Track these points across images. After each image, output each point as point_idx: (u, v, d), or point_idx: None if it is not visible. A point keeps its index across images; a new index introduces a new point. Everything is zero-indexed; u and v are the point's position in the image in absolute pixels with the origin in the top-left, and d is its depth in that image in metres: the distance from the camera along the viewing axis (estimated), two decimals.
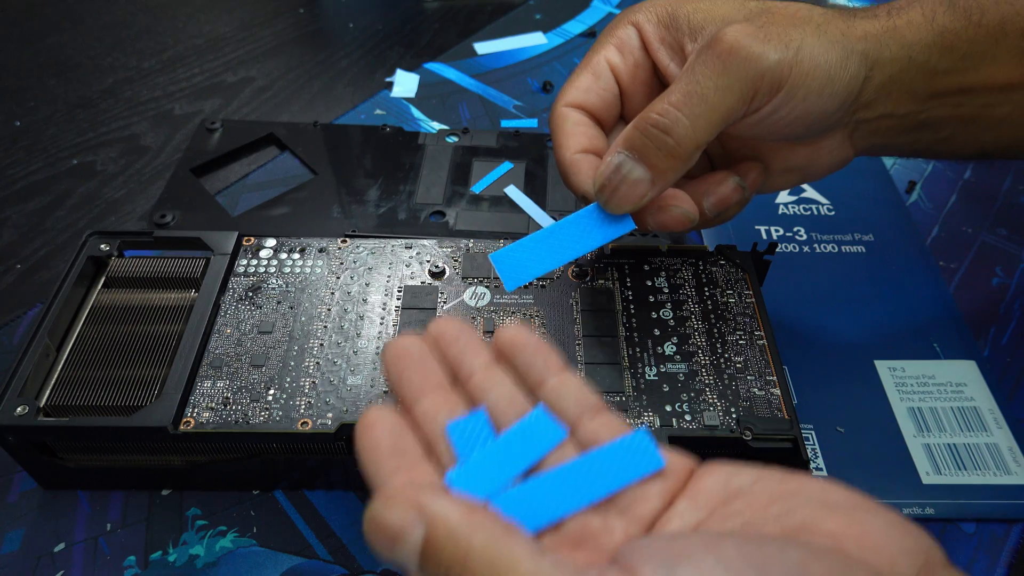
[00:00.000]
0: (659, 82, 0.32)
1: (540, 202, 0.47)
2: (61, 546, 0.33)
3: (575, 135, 0.31)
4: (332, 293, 0.36)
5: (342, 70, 0.62)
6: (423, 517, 0.18)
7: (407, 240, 0.39)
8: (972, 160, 0.49)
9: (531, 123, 0.55)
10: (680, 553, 0.17)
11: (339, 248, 0.38)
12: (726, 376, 0.33)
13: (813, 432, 0.36)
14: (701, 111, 0.27)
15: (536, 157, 0.51)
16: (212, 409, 0.31)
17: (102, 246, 0.37)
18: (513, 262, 0.30)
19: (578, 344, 0.34)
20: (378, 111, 0.57)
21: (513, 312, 0.35)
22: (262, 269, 0.37)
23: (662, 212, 0.30)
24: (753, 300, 0.36)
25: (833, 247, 0.45)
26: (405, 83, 0.59)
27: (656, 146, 0.28)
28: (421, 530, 0.18)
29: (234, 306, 0.35)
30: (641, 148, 0.28)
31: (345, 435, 0.31)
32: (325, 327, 0.34)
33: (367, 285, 0.36)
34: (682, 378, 0.33)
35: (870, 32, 0.29)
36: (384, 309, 0.35)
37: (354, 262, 0.38)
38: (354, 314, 0.35)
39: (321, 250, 0.38)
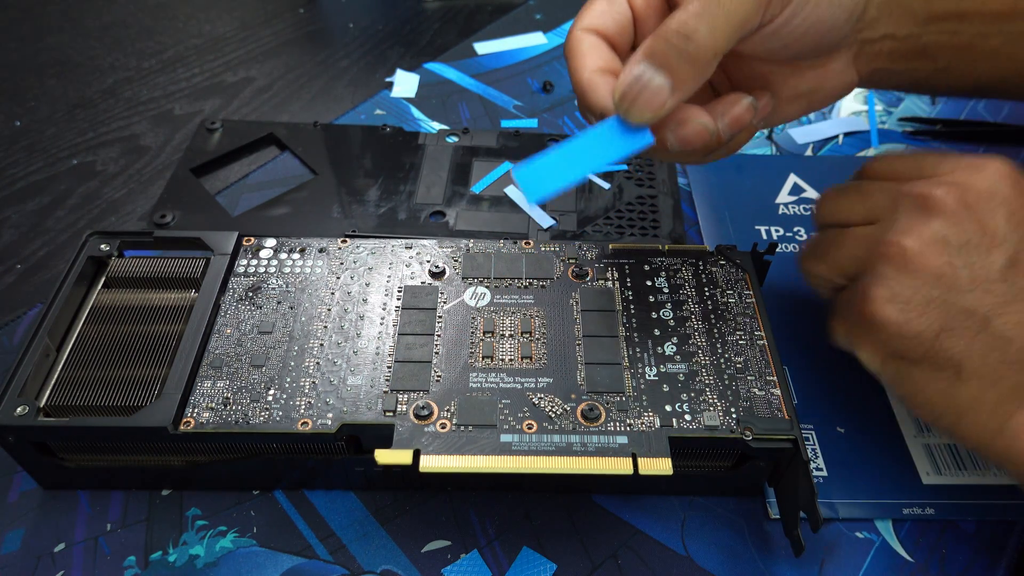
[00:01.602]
0: (670, 7, 0.33)
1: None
2: (61, 546, 0.33)
3: (591, 56, 0.31)
4: (332, 293, 0.36)
5: (342, 70, 0.62)
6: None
7: (407, 240, 0.39)
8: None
9: (531, 123, 0.55)
10: None
11: (339, 248, 0.38)
12: (726, 376, 0.33)
13: (813, 432, 0.36)
14: (719, 18, 0.28)
15: None
16: (212, 409, 0.31)
17: (102, 246, 0.37)
18: (535, 176, 0.30)
19: (578, 344, 0.34)
20: (378, 111, 0.57)
21: (514, 312, 0.35)
22: (262, 269, 0.37)
23: (682, 126, 0.30)
24: (753, 300, 0.36)
25: None
26: (405, 83, 0.59)
27: (677, 53, 0.28)
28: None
29: (234, 306, 0.35)
30: (662, 56, 0.28)
31: (345, 435, 0.31)
32: (325, 327, 0.34)
33: (367, 285, 0.36)
34: (682, 378, 0.33)
35: None
36: (384, 309, 0.35)
37: (354, 262, 0.38)
38: (354, 314, 0.35)
39: (321, 250, 0.38)
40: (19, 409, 0.30)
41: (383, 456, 0.29)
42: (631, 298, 0.36)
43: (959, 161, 0.31)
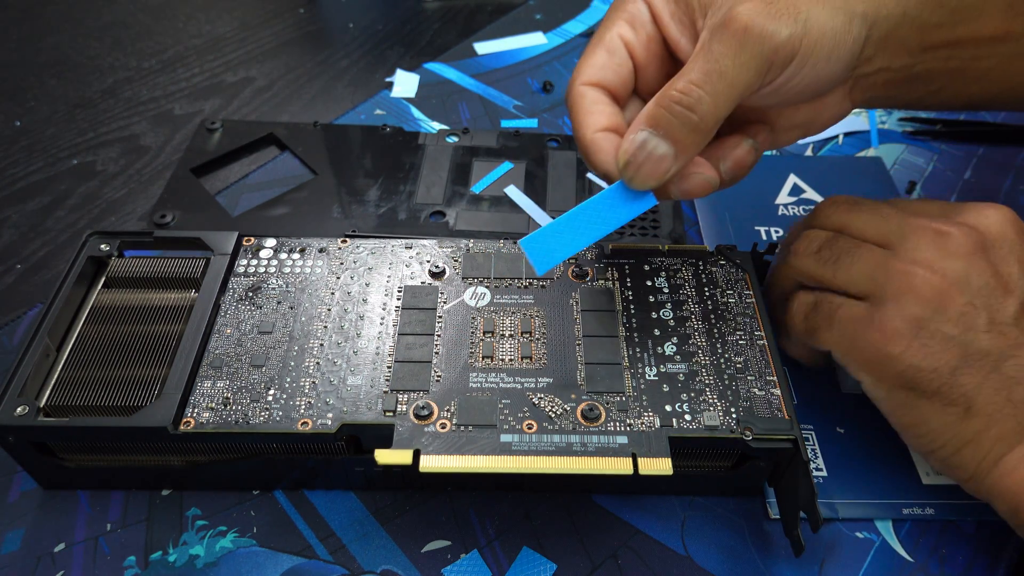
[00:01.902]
0: (670, 56, 0.33)
1: (540, 202, 0.47)
2: (61, 546, 0.33)
3: (594, 113, 0.32)
4: (332, 293, 0.36)
5: (342, 70, 0.62)
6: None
7: (407, 240, 0.39)
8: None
9: (531, 123, 0.55)
10: None
11: (339, 248, 0.38)
12: (726, 376, 0.33)
13: (813, 432, 0.36)
14: (721, 88, 0.28)
15: (536, 157, 0.51)
16: (212, 409, 0.31)
17: (102, 246, 0.37)
18: (542, 246, 0.32)
19: (578, 344, 0.34)
20: (378, 111, 0.57)
21: (514, 312, 0.35)
22: (262, 269, 0.37)
23: (685, 180, 0.31)
24: (753, 300, 0.36)
25: None
26: (405, 83, 0.59)
27: (680, 123, 0.29)
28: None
29: (234, 306, 0.35)
30: (666, 125, 0.29)
31: (345, 435, 0.31)
32: (325, 327, 0.34)
33: (367, 285, 0.36)
34: (682, 378, 0.33)
35: None
36: (384, 309, 0.35)
37: (354, 262, 0.38)
38: (354, 314, 0.35)
39: (321, 250, 0.38)
40: (19, 409, 0.30)
41: (383, 456, 0.29)
42: (631, 298, 0.36)
43: (962, 205, 0.32)
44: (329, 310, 0.35)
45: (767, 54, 0.28)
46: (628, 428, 0.31)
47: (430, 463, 0.29)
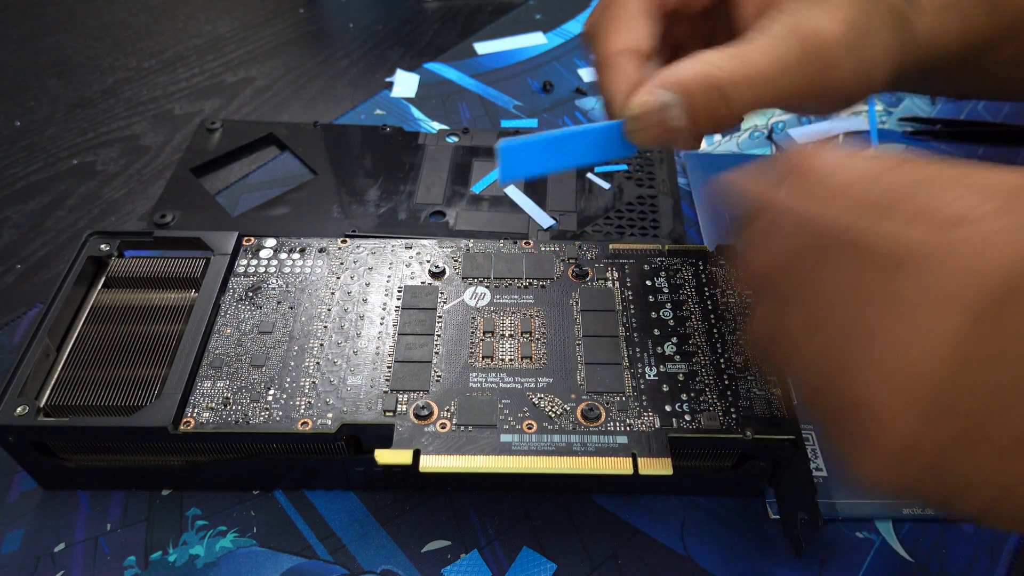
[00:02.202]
0: None
1: (540, 202, 0.47)
2: (61, 546, 0.33)
3: (630, 26, 0.28)
4: (332, 293, 0.36)
5: (342, 70, 0.62)
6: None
7: (407, 240, 0.39)
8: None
9: (531, 123, 0.55)
10: None
11: (339, 248, 0.38)
12: (726, 376, 0.33)
13: (813, 432, 0.36)
14: (764, 97, 0.26)
15: None
16: (212, 409, 0.31)
17: (102, 246, 0.37)
18: (518, 155, 0.29)
19: (578, 344, 0.34)
20: (378, 111, 0.57)
21: (514, 312, 0.35)
22: (262, 269, 0.37)
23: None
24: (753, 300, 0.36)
25: None
26: (405, 83, 0.59)
27: (712, 108, 0.26)
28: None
29: (234, 306, 0.35)
30: (697, 101, 0.26)
31: (345, 435, 0.31)
32: (325, 327, 0.34)
33: (367, 285, 0.36)
34: (682, 378, 0.33)
35: (918, 34, 0.28)
36: (384, 309, 0.35)
37: (354, 262, 0.38)
38: (354, 314, 0.35)
39: (321, 250, 0.38)
40: (19, 409, 0.30)
41: (383, 456, 0.29)
42: (631, 298, 0.36)
43: None
44: (329, 310, 0.35)
45: (818, 89, 0.26)
46: (628, 428, 0.31)
47: (430, 463, 0.29)
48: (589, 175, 0.49)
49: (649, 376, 0.33)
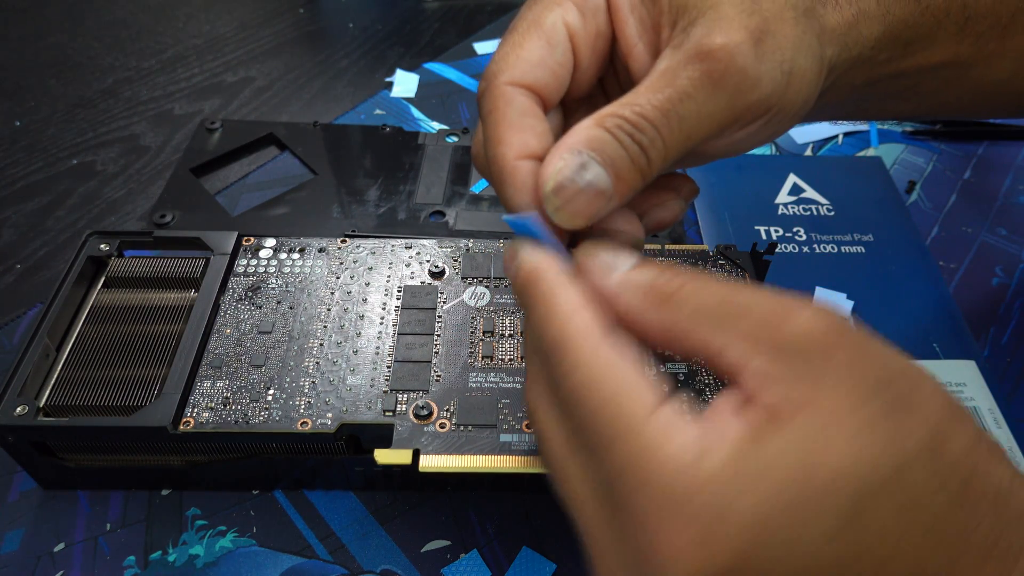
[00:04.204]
0: (612, 57, 0.27)
1: None
2: (61, 546, 0.33)
3: (522, 130, 0.24)
4: (332, 293, 0.36)
5: (342, 70, 0.62)
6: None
7: (407, 240, 0.39)
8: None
9: None
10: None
11: (339, 248, 0.38)
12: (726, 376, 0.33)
13: None
14: (678, 136, 0.23)
15: None
16: (212, 409, 0.31)
17: (102, 246, 0.37)
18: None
19: None
20: (378, 111, 0.57)
21: (513, 312, 0.35)
22: (262, 269, 0.37)
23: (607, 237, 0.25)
24: None
25: (833, 247, 0.45)
26: (405, 83, 0.59)
27: (630, 158, 0.23)
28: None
29: (234, 306, 0.35)
30: (612, 154, 0.22)
31: (344, 435, 0.31)
32: (325, 327, 0.34)
33: (367, 285, 0.36)
34: (682, 378, 0.33)
35: (835, 29, 0.26)
36: (384, 309, 0.35)
37: (354, 262, 0.38)
38: (354, 314, 0.35)
39: (321, 250, 0.38)
40: (19, 409, 0.30)
41: (383, 456, 0.29)
42: None
43: None
44: (329, 310, 0.35)
45: (741, 108, 0.23)
46: None
47: (430, 463, 0.29)
48: None
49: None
